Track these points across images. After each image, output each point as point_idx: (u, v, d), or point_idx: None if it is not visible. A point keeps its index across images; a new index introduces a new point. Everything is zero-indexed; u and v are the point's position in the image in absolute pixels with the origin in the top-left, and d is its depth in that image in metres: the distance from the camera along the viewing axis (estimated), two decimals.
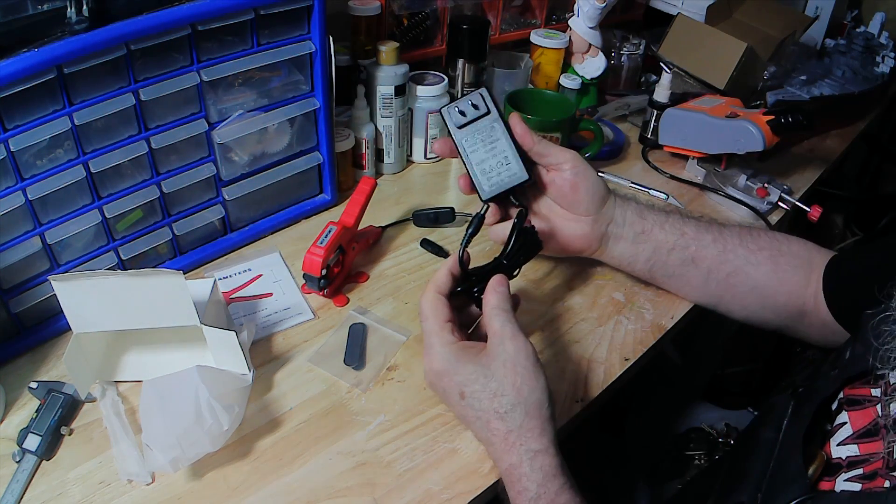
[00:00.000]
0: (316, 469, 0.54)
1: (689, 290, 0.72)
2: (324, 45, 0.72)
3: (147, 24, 0.58)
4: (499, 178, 0.64)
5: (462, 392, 0.52)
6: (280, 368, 0.63)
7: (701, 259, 0.68)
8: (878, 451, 0.44)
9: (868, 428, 0.46)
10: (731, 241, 0.68)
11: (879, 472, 0.43)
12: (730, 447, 0.80)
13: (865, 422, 0.46)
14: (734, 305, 0.70)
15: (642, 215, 0.69)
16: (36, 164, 0.58)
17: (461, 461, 0.56)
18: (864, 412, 0.47)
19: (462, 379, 0.52)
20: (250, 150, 0.74)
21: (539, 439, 0.50)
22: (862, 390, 0.49)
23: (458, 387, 0.53)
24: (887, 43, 1.32)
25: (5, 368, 0.61)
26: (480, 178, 0.65)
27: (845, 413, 0.48)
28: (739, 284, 0.68)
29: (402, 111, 0.91)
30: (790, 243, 0.68)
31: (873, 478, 0.43)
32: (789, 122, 0.84)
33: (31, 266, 0.61)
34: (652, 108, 1.03)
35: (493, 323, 0.54)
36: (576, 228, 0.68)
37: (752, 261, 0.67)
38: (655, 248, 0.69)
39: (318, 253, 0.66)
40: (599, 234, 0.68)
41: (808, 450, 0.48)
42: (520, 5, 1.13)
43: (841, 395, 0.51)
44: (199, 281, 0.61)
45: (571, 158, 0.66)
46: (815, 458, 0.47)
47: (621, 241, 0.69)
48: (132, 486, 0.52)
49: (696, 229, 0.68)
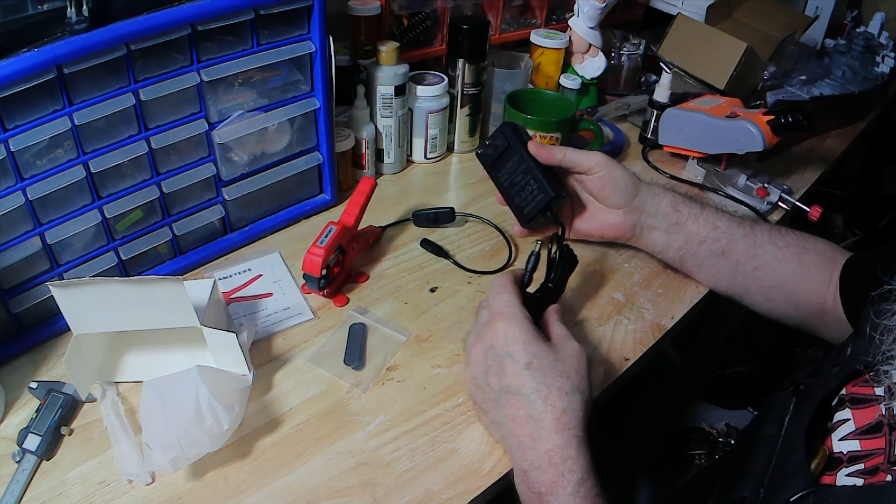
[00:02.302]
0: (316, 469, 0.54)
1: (717, 281, 0.75)
2: (324, 45, 0.72)
3: (147, 24, 0.58)
4: (533, 202, 0.71)
5: (531, 362, 0.53)
6: (280, 368, 0.63)
7: (731, 252, 0.71)
8: (879, 447, 0.44)
9: (871, 425, 0.46)
10: (761, 236, 0.71)
11: (881, 466, 0.43)
12: (730, 447, 0.80)
13: (869, 419, 0.46)
14: (759, 298, 0.73)
15: (677, 207, 0.73)
16: (36, 164, 0.58)
17: (461, 461, 0.56)
18: (869, 410, 0.47)
19: (535, 350, 0.54)
20: (250, 150, 0.74)
21: (585, 431, 0.51)
22: (865, 389, 0.49)
23: (529, 356, 0.53)
24: (887, 43, 1.32)
25: (5, 368, 0.61)
26: (519, 205, 0.72)
27: (848, 410, 0.49)
28: (765, 279, 0.71)
29: (402, 111, 0.91)
30: (815, 242, 0.71)
31: (875, 473, 0.43)
32: (789, 122, 0.84)
33: (31, 266, 0.61)
34: (652, 108, 1.03)
35: (557, 329, 0.58)
36: (609, 218, 0.75)
37: (779, 257, 0.70)
38: (688, 238, 0.72)
39: (318, 253, 0.66)
40: (632, 223, 0.74)
41: (810, 445, 0.48)
42: (520, 5, 1.13)
43: (843, 391, 0.51)
44: (199, 281, 0.61)
45: (598, 162, 0.72)
46: (818, 453, 0.47)
47: (655, 230, 0.74)
48: (132, 486, 0.52)
49: (729, 224, 0.72)
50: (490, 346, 0.55)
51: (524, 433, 0.51)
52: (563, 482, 0.48)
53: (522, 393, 0.52)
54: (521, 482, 0.51)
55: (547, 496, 0.49)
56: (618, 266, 0.79)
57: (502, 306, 0.56)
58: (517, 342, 0.54)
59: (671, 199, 0.73)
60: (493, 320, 0.56)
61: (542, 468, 0.49)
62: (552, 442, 0.50)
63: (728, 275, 0.73)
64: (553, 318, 0.60)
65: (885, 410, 0.45)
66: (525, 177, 0.71)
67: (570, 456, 0.49)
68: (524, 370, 0.53)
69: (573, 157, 0.72)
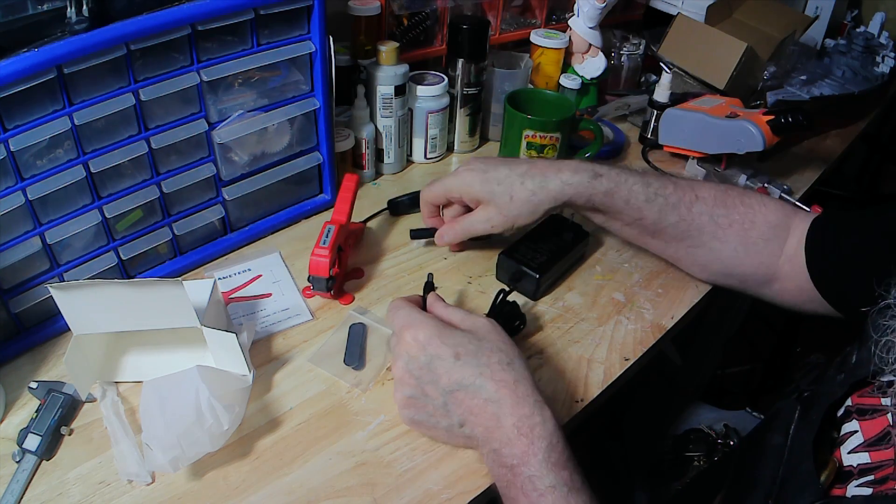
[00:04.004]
0: (316, 469, 0.54)
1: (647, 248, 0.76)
2: (324, 45, 0.72)
3: (147, 24, 0.58)
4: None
5: (457, 352, 0.52)
6: (280, 368, 0.63)
7: (660, 233, 0.71)
8: (889, 458, 0.43)
9: (879, 436, 0.45)
10: (700, 219, 0.68)
11: (891, 476, 0.42)
12: (729, 448, 0.80)
13: (877, 430, 0.46)
14: (695, 269, 0.74)
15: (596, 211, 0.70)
16: (36, 164, 0.58)
17: (461, 461, 0.56)
18: (876, 421, 0.46)
19: (454, 341, 0.53)
20: (250, 150, 0.74)
21: (540, 394, 0.51)
22: (872, 399, 0.48)
23: (451, 348, 0.52)
24: (887, 43, 1.32)
25: (5, 368, 0.61)
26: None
27: (855, 421, 0.48)
28: (701, 255, 0.71)
29: (402, 111, 0.91)
30: (767, 213, 0.68)
31: (884, 482, 0.43)
32: (789, 122, 0.84)
33: (31, 266, 0.61)
34: (652, 108, 1.03)
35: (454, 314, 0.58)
36: None
37: (719, 236, 0.68)
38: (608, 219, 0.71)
39: (324, 254, 0.66)
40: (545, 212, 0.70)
41: (818, 455, 0.47)
42: (520, 5, 1.13)
43: (849, 402, 0.50)
44: (199, 281, 0.61)
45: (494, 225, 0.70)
46: (827, 465, 0.46)
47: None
48: (132, 486, 0.52)
49: (660, 211, 0.68)
50: (409, 358, 0.54)
51: (487, 417, 0.51)
52: (533, 450, 0.48)
53: (466, 384, 0.52)
54: (492, 461, 0.51)
55: (519, 467, 0.48)
56: (618, 266, 0.79)
57: (402, 319, 0.56)
58: (433, 341, 0.53)
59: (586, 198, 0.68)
60: (399, 336, 0.55)
61: (512, 441, 0.49)
62: (516, 414, 0.50)
63: (658, 249, 0.74)
64: (441, 305, 0.59)
65: (891, 419, 0.45)
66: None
67: (536, 423, 0.49)
68: (455, 362, 0.52)
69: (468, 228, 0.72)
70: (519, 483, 0.48)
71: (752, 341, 1.67)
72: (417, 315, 0.56)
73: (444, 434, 0.55)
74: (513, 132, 0.90)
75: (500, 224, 0.70)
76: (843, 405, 0.50)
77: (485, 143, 1.06)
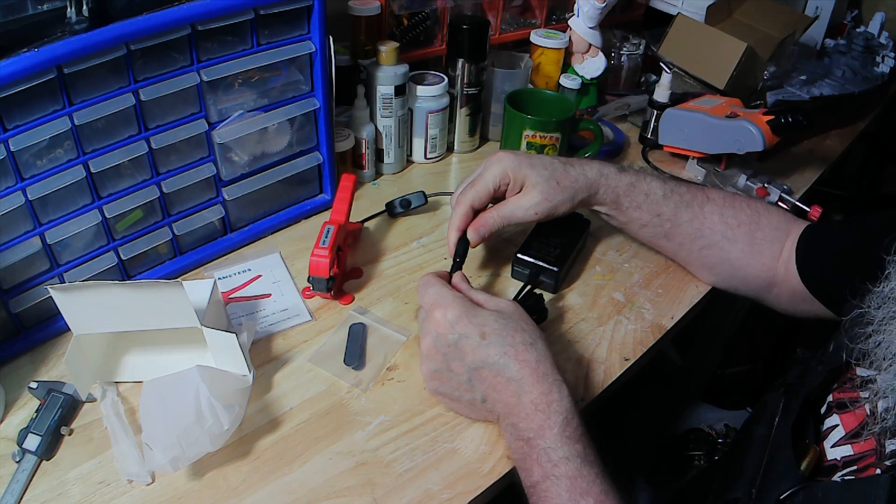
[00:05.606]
0: (316, 469, 0.54)
1: (661, 251, 0.77)
2: (324, 45, 0.72)
3: (147, 24, 0.58)
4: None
5: (483, 332, 0.54)
6: (280, 368, 0.63)
7: (675, 234, 0.72)
8: (870, 448, 0.44)
9: (859, 428, 0.47)
10: (711, 217, 0.71)
11: (873, 465, 0.43)
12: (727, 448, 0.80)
13: (856, 423, 0.47)
14: (703, 272, 0.75)
15: (617, 200, 0.71)
16: (36, 164, 0.58)
17: (461, 461, 0.56)
18: (854, 414, 0.48)
19: (480, 320, 0.55)
20: (250, 150, 0.74)
21: (560, 373, 0.54)
22: (851, 394, 0.49)
23: (478, 327, 0.54)
24: (887, 43, 1.32)
25: (5, 368, 0.61)
26: None
27: (836, 416, 0.49)
28: (712, 256, 0.72)
29: (402, 111, 0.91)
30: (770, 215, 0.71)
31: (866, 472, 0.44)
32: (789, 122, 0.84)
33: (31, 266, 0.61)
34: (652, 108, 1.03)
35: (479, 295, 0.59)
36: None
37: (729, 236, 0.70)
38: (628, 221, 0.73)
39: (324, 254, 0.66)
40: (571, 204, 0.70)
41: (799, 445, 0.49)
42: (520, 5, 1.13)
43: (830, 398, 0.51)
44: (199, 281, 0.61)
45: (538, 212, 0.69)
46: (808, 453, 0.47)
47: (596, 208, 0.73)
48: (132, 486, 0.52)
49: (676, 208, 0.71)
50: (437, 335, 0.56)
51: (508, 394, 0.53)
52: (549, 424, 0.50)
53: (490, 362, 0.53)
54: (510, 434, 0.53)
55: (535, 440, 0.50)
56: (618, 266, 0.79)
57: (432, 297, 0.57)
58: (461, 321, 0.55)
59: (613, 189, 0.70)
60: (429, 313, 0.57)
61: (530, 416, 0.51)
62: (535, 391, 0.52)
63: (671, 251, 0.75)
64: (466, 287, 0.61)
65: (868, 410, 0.46)
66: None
67: (553, 399, 0.51)
68: (482, 342, 0.54)
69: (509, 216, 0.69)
70: (535, 455, 0.50)
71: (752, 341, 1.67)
72: (448, 293, 0.57)
73: (467, 407, 0.57)
74: (513, 132, 0.90)
75: (545, 211, 0.68)
76: (825, 401, 0.52)
77: (485, 143, 1.06)
